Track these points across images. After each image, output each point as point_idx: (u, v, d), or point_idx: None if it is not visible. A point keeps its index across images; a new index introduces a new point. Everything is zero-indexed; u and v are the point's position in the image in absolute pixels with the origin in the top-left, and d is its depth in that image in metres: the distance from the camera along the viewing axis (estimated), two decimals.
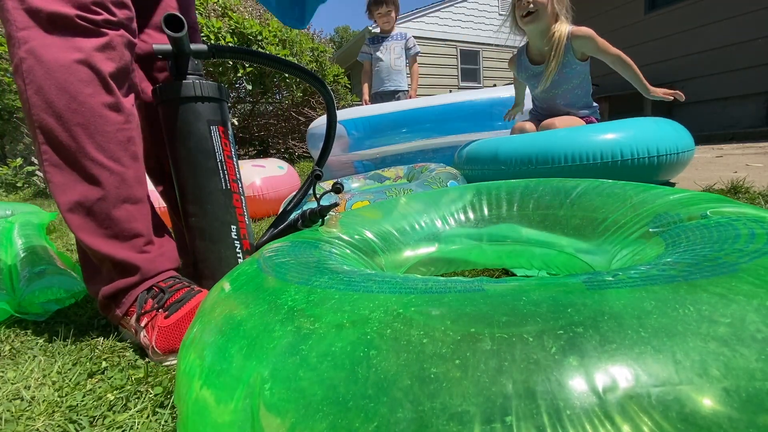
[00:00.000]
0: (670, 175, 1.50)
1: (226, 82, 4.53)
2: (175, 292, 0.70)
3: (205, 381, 0.30)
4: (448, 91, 7.90)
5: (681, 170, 1.53)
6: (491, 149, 1.63)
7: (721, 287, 0.26)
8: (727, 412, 0.20)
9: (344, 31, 27.15)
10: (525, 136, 1.57)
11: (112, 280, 0.71)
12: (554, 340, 0.23)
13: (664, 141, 1.38)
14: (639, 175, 1.38)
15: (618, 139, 1.38)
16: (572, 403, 0.20)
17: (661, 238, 0.48)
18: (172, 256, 0.76)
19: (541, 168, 1.46)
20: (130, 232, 0.70)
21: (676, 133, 1.44)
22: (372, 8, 3.09)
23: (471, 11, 10.45)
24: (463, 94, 2.57)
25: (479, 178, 1.67)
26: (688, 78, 4.46)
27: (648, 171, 1.38)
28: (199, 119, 0.74)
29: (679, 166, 1.46)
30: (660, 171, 1.41)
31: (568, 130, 1.50)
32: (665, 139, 1.39)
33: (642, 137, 1.38)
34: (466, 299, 0.27)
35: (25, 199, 4.28)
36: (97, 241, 0.68)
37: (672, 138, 1.41)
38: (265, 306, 0.33)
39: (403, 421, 0.21)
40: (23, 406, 0.56)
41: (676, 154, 1.40)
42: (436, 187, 1.28)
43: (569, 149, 1.42)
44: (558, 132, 1.52)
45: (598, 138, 1.40)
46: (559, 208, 0.70)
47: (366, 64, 3.28)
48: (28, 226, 1.47)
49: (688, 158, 1.48)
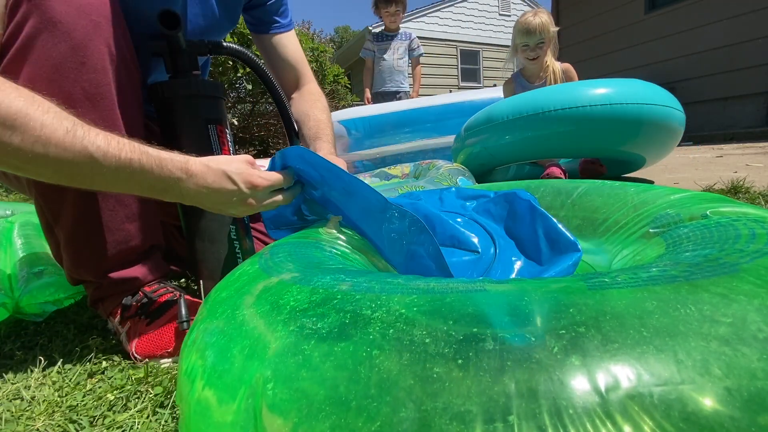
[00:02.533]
0: (655, 142, 1.54)
1: (226, 81, 4.53)
2: (158, 298, 0.70)
3: (207, 381, 0.30)
4: (448, 91, 7.90)
5: (667, 142, 1.58)
6: (485, 112, 1.75)
7: (722, 287, 0.26)
8: (729, 411, 0.20)
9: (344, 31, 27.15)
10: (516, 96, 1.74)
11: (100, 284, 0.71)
12: (556, 339, 0.23)
13: (651, 94, 1.47)
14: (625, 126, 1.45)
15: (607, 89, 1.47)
16: (574, 403, 0.20)
17: (661, 238, 0.48)
18: (159, 264, 0.76)
19: (532, 117, 1.55)
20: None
21: (665, 93, 1.53)
22: (380, 5, 3.07)
23: (471, 11, 10.46)
24: (463, 94, 2.57)
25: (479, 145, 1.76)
26: (688, 78, 4.46)
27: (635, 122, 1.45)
28: (195, 117, 0.73)
29: (665, 129, 1.51)
30: (645, 125, 1.46)
31: (558, 86, 1.66)
32: (652, 91, 1.49)
33: (631, 87, 1.48)
34: (468, 299, 0.27)
35: (25, 199, 4.28)
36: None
37: (660, 94, 1.50)
38: (267, 306, 0.33)
39: (405, 421, 0.21)
40: (23, 406, 0.56)
41: (664, 107, 1.47)
42: (447, 183, 1.28)
43: (559, 97, 1.51)
44: (549, 87, 1.68)
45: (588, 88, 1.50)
46: (560, 209, 0.70)
47: (368, 60, 3.27)
48: (27, 226, 1.47)
49: (674, 122, 1.53)
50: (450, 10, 10.05)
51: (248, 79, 4.67)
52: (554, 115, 1.48)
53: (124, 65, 0.65)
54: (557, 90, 1.57)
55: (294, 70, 1.00)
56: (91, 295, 0.72)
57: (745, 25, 3.94)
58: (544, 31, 1.97)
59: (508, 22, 10.97)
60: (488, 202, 0.75)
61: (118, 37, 0.63)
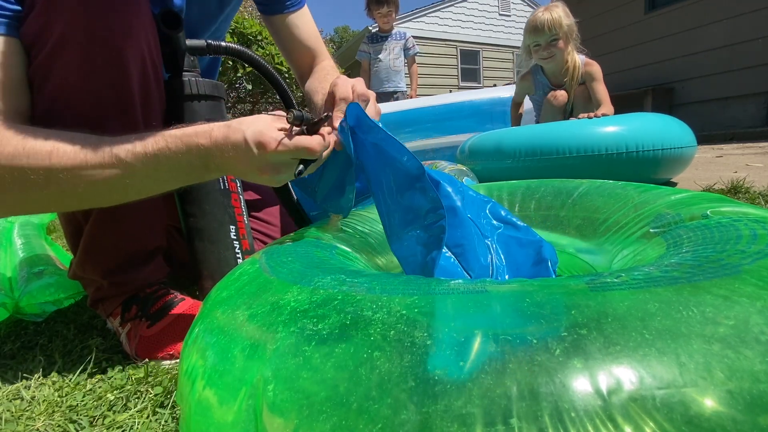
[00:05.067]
0: (672, 172, 1.51)
1: (226, 81, 4.53)
2: (159, 299, 0.70)
3: (207, 381, 0.30)
4: (448, 91, 7.90)
5: (683, 168, 1.54)
6: (494, 142, 1.65)
7: (724, 289, 0.26)
8: (732, 414, 0.20)
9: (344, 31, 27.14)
10: (529, 128, 1.62)
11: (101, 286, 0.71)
12: (558, 341, 0.23)
13: (668, 135, 1.41)
14: (642, 168, 1.40)
15: (623, 132, 1.40)
16: (576, 406, 0.20)
17: (662, 238, 0.48)
18: (161, 265, 0.76)
19: (545, 159, 1.47)
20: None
21: (680, 129, 1.46)
22: (372, 7, 3.08)
23: (471, 11, 10.46)
24: (463, 94, 2.57)
25: (482, 172, 1.68)
26: (688, 78, 4.46)
27: (651, 165, 1.41)
28: (195, 118, 0.73)
29: (681, 162, 1.48)
30: (662, 166, 1.42)
31: (572, 123, 1.53)
32: (669, 133, 1.42)
33: (646, 130, 1.40)
34: (469, 301, 0.27)
35: None
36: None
37: (676, 133, 1.43)
38: (268, 307, 0.32)
39: (406, 423, 0.21)
40: (23, 406, 0.56)
41: (680, 149, 1.42)
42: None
43: (574, 141, 1.43)
44: (563, 123, 1.55)
45: (603, 130, 1.43)
46: (561, 209, 0.70)
47: (364, 63, 3.28)
48: (27, 226, 1.46)
49: (690, 155, 1.50)
50: (450, 10, 10.05)
51: (248, 79, 4.66)
52: (569, 161, 1.42)
53: (153, 70, 0.63)
54: (574, 133, 1.46)
55: (309, 51, 0.92)
56: (91, 296, 0.72)
57: (745, 25, 3.93)
58: (556, 27, 1.79)
59: (508, 22, 10.98)
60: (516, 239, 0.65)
61: (149, 41, 0.62)
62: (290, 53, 0.94)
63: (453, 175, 1.36)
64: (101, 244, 0.67)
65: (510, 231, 0.67)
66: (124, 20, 0.57)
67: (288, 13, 0.90)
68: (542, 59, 1.88)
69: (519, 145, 1.54)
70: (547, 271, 0.59)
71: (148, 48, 0.61)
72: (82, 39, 0.54)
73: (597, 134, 1.42)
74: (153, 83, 0.64)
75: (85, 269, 0.70)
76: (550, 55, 1.84)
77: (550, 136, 1.48)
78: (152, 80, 0.64)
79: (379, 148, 0.54)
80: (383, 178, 0.54)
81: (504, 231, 0.67)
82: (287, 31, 0.91)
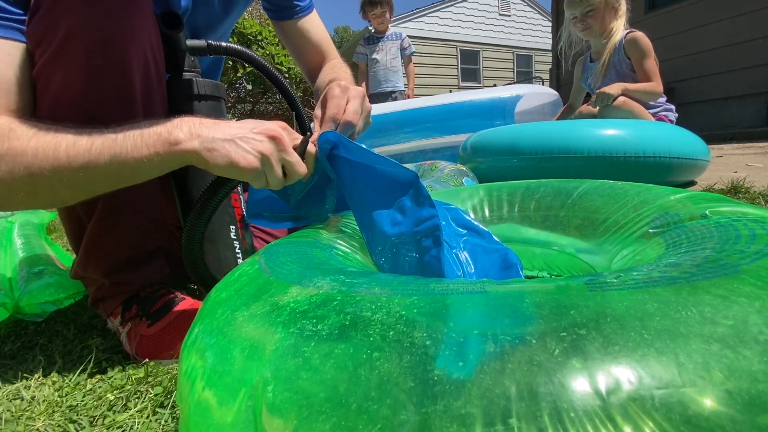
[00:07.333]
0: (681, 178, 1.52)
1: (226, 81, 4.53)
2: (159, 299, 0.70)
3: (207, 382, 0.30)
4: (448, 91, 7.90)
5: (693, 176, 1.56)
6: (507, 138, 1.61)
7: (723, 289, 0.26)
8: (730, 414, 0.20)
9: (344, 31, 27.15)
10: (542, 125, 1.59)
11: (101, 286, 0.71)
12: (557, 342, 0.23)
13: (684, 145, 1.44)
14: (653, 174, 1.41)
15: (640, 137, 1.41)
16: (575, 406, 0.20)
17: (661, 238, 0.48)
18: (161, 265, 0.76)
19: (562, 158, 1.45)
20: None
21: (697, 141, 1.51)
22: (366, 9, 3.11)
23: (471, 11, 10.46)
24: (463, 94, 2.57)
25: (487, 171, 1.68)
26: (688, 78, 4.46)
27: (664, 172, 1.42)
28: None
29: (693, 170, 1.50)
30: (673, 173, 1.44)
31: (589, 122, 1.53)
32: (685, 143, 1.45)
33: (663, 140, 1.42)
34: (468, 301, 0.27)
35: None
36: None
37: (692, 144, 1.47)
38: (267, 307, 0.32)
39: (406, 423, 0.21)
40: (23, 406, 0.56)
41: (694, 160, 1.45)
42: (453, 184, 1.29)
43: (589, 141, 1.42)
44: (578, 122, 1.55)
45: (607, 132, 1.43)
46: (560, 209, 0.70)
47: (362, 64, 3.30)
48: (27, 226, 1.47)
49: (703, 167, 1.53)
50: (450, 10, 10.05)
51: (248, 79, 4.67)
52: (586, 161, 1.41)
53: (156, 71, 0.64)
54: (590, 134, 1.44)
55: (319, 52, 0.95)
56: (92, 295, 0.72)
57: (745, 25, 3.93)
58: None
59: (508, 22, 10.98)
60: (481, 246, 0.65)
61: (152, 42, 0.62)
62: (300, 55, 0.96)
63: (453, 175, 1.36)
64: (103, 243, 0.67)
65: (474, 238, 0.68)
66: (128, 21, 0.57)
67: (298, 19, 0.92)
68: (580, 31, 1.87)
69: (518, 143, 1.56)
70: (518, 275, 0.61)
71: (150, 49, 0.61)
72: (86, 40, 0.54)
73: (613, 137, 1.41)
74: (155, 84, 0.64)
75: (86, 269, 0.70)
76: (585, 27, 1.83)
77: (568, 135, 1.48)
78: (155, 81, 0.64)
79: (361, 164, 0.54)
80: (366, 191, 0.55)
81: (468, 238, 0.68)
82: (298, 36, 0.93)
